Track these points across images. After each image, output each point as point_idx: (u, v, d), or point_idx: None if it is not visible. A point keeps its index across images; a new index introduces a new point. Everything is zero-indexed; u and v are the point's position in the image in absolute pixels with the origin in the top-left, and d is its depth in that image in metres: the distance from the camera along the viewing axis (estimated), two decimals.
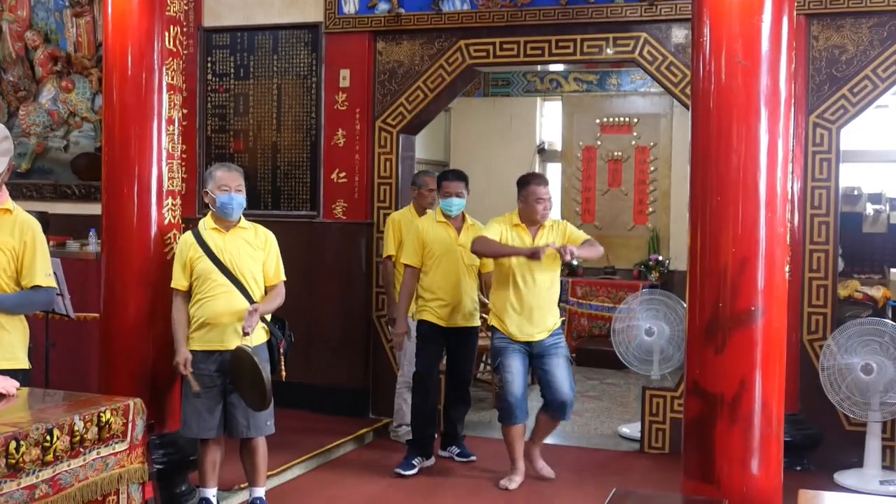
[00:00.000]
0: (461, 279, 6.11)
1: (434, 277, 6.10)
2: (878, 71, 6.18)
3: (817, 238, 6.31)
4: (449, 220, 6.15)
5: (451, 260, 6.09)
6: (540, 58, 7.05)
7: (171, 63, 5.24)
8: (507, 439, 5.82)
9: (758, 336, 4.03)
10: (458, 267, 6.11)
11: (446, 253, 6.09)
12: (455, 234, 6.14)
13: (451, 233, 6.14)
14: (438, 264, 6.09)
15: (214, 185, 4.94)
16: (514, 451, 5.82)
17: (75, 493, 3.22)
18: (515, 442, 5.82)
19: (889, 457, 6.12)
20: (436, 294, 6.09)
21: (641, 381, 7.41)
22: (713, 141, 4.07)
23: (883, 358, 5.76)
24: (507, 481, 5.80)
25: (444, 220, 6.15)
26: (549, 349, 5.72)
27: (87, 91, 8.45)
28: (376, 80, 7.34)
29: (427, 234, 6.13)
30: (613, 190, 10.91)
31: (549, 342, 5.74)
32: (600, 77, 11.37)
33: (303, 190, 7.55)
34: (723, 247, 4.04)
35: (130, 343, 5.13)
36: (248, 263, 4.95)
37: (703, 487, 4.07)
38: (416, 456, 6.07)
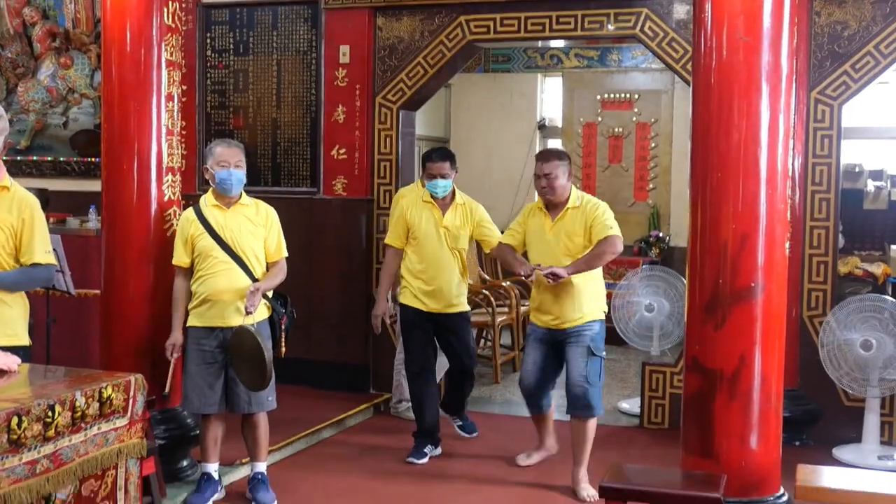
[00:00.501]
0: (444, 262, 5.82)
1: (416, 259, 5.86)
2: (881, 47, 6.15)
3: (818, 214, 6.30)
4: (435, 200, 5.85)
5: (433, 242, 5.82)
6: (541, 33, 7.02)
7: (170, 39, 5.22)
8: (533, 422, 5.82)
9: (757, 312, 4.04)
10: (442, 249, 5.82)
11: (429, 234, 5.82)
12: (440, 215, 5.84)
13: (436, 213, 5.84)
14: (421, 246, 5.84)
15: (214, 161, 4.94)
16: (539, 432, 5.79)
17: (75, 467, 3.24)
18: (538, 426, 5.78)
19: (887, 432, 6.14)
20: (420, 278, 5.84)
21: (641, 356, 7.42)
22: (714, 117, 4.07)
23: (882, 334, 5.77)
24: (525, 457, 5.77)
25: (430, 201, 5.86)
26: (570, 338, 5.30)
27: (85, 67, 8.42)
28: (376, 56, 7.31)
29: (411, 214, 5.86)
30: (614, 166, 10.89)
31: (571, 331, 5.29)
32: (601, 53, 11.32)
33: (303, 166, 7.54)
34: (723, 223, 4.04)
35: (131, 319, 5.14)
36: (249, 240, 4.95)
37: (702, 462, 4.09)
38: (426, 444, 5.90)
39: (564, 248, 5.28)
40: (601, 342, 5.33)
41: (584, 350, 5.26)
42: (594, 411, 5.31)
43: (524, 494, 5.32)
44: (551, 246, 5.31)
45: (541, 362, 5.43)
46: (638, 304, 7.02)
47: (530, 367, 5.47)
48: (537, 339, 5.43)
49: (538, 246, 5.38)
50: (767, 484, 4.12)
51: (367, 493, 5.27)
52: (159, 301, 5.13)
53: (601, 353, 5.31)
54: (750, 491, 4.07)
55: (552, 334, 5.36)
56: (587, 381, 5.25)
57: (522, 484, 5.47)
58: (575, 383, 5.27)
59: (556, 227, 5.32)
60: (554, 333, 5.35)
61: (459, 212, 5.89)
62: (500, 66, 11.83)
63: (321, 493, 5.28)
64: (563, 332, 5.31)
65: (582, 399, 5.27)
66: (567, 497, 5.26)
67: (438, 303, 5.83)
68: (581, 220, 5.26)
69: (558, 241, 5.30)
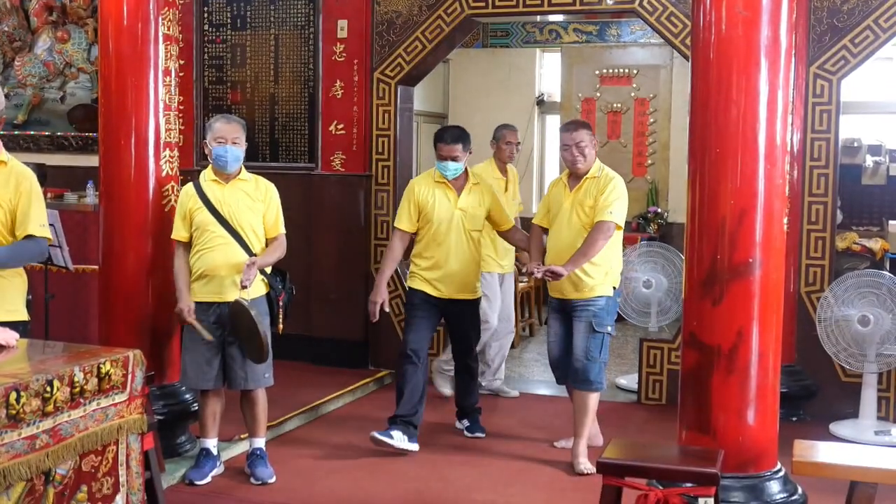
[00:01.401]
0: (459, 246, 5.57)
1: (429, 244, 5.59)
2: (880, 21, 6.13)
3: (816, 190, 6.30)
4: (448, 180, 5.62)
5: (448, 225, 5.55)
6: (539, 8, 6.99)
7: (167, 13, 5.20)
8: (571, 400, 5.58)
9: (755, 288, 4.04)
10: (458, 233, 5.56)
11: (443, 217, 5.56)
12: (455, 197, 5.59)
13: (451, 195, 5.59)
14: (435, 230, 5.56)
15: (212, 137, 4.93)
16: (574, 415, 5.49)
17: (75, 443, 3.25)
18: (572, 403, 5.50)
19: (884, 407, 6.17)
20: (430, 262, 5.58)
21: (639, 332, 7.44)
22: (713, 92, 4.05)
23: (880, 310, 5.78)
24: (563, 442, 5.66)
25: (443, 181, 5.61)
26: (575, 311, 5.29)
27: (82, 41, 8.39)
28: (374, 31, 7.28)
29: (423, 196, 5.59)
30: (612, 142, 10.87)
31: (578, 304, 5.28)
32: (600, 28, 11.27)
33: (301, 142, 7.53)
34: (721, 199, 4.03)
35: (130, 295, 5.14)
36: (247, 215, 4.95)
37: (700, 438, 4.10)
38: (396, 428, 5.52)
39: (578, 220, 5.29)
40: (606, 317, 5.30)
41: (587, 325, 5.26)
42: (593, 386, 5.31)
43: (521, 468, 5.34)
44: (566, 216, 5.33)
45: (562, 332, 5.43)
46: (636, 280, 7.03)
47: (553, 339, 5.50)
48: (554, 309, 5.48)
49: (556, 218, 5.40)
50: (764, 459, 4.14)
51: (365, 469, 5.30)
52: (158, 276, 5.14)
53: (604, 328, 5.28)
54: (747, 466, 4.08)
55: (563, 305, 5.39)
56: (587, 357, 5.26)
57: (520, 458, 5.49)
58: (575, 357, 5.30)
59: (573, 198, 5.33)
60: (564, 304, 5.38)
61: (475, 192, 5.66)
62: (498, 41, 11.78)
63: (320, 468, 5.30)
64: (570, 304, 5.33)
65: (581, 373, 5.29)
66: (562, 471, 5.28)
67: (450, 288, 5.60)
68: (594, 191, 5.28)
69: (572, 211, 5.31)
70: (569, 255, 5.21)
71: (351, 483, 5.08)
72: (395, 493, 4.94)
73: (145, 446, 3.79)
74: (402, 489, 5.00)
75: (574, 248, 5.22)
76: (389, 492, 4.96)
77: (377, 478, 5.16)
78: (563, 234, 5.33)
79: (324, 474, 5.20)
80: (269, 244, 5.03)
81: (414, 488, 5.01)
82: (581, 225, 5.28)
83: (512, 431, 6.02)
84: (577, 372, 5.31)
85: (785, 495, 4.12)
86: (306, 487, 5.01)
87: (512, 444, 5.77)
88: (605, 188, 5.26)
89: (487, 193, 5.71)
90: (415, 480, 5.12)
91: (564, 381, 5.56)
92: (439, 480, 5.14)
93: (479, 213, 5.65)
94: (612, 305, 5.38)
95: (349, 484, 5.06)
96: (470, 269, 5.63)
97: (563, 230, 5.33)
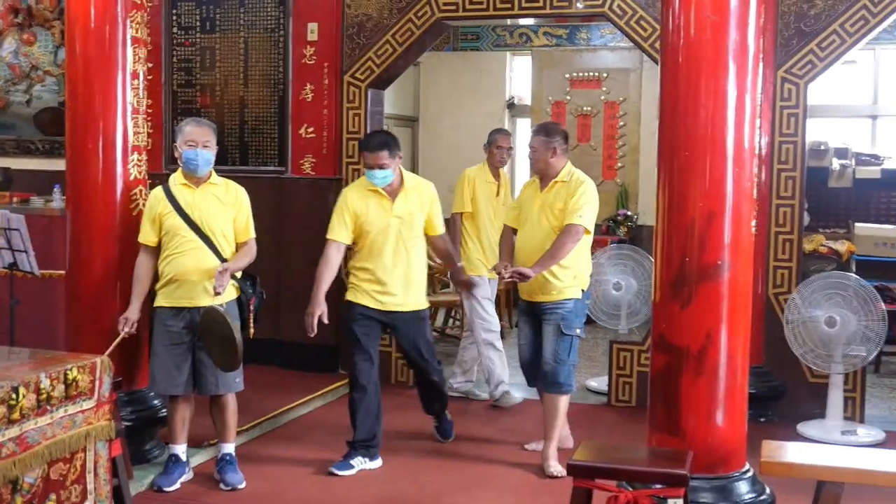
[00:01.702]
0: (399, 255, 5.27)
1: (368, 254, 5.31)
2: (846, 26, 6.19)
3: (784, 192, 6.35)
4: (380, 188, 5.27)
5: (385, 234, 5.25)
6: (509, 12, 7.00)
7: (135, 15, 5.16)
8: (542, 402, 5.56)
9: (724, 290, 4.06)
10: (396, 241, 5.27)
11: (380, 226, 5.26)
12: (389, 204, 5.26)
13: (385, 203, 5.27)
14: (372, 239, 5.28)
15: (182, 140, 4.90)
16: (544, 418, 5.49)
17: (43, 450, 3.22)
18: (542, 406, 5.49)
19: (850, 408, 6.22)
20: (370, 273, 5.31)
21: (609, 335, 7.47)
22: (681, 96, 4.07)
23: (846, 311, 5.83)
24: (536, 443, 5.65)
25: (376, 189, 5.27)
26: (544, 313, 5.30)
27: (49, 44, 8.31)
28: (344, 34, 7.26)
29: (357, 204, 5.28)
30: (583, 145, 10.91)
31: (547, 306, 5.28)
32: (570, 31, 11.32)
33: (271, 145, 7.49)
34: (690, 201, 4.06)
35: (97, 300, 5.10)
36: (217, 220, 4.92)
37: (669, 439, 4.12)
38: (356, 456, 5.30)
39: (547, 222, 5.30)
40: (575, 320, 5.31)
41: (555, 328, 5.27)
42: (562, 388, 5.32)
43: (492, 471, 5.34)
44: (536, 218, 5.35)
45: (531, 335, 5.45)
46: (606, 283, 7.05)
47: (523, 342, 5.52)
48: (523, 312, 5.52)
49: (526, 219, 5.42)
50: (733, 460, 4.16)
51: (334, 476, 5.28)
52: (125, 281, 5.09)
53: (572, 331, 5.28)
54: (716, 467, 4.10)
55: (532, 308, 5.40)
56: (556, 359, 5.27)
57: (491, 461, 5.50)
58: (544, 360, 5.31)
59: (542, 200, 5.36)
60: (533, 307, 5.39)
61: (413, 197, 5.34)
62: (468, 44, 11.79)
63: (290, 474, 5.27)
64: (539, 307, 5.35)
65: (550, 376, 5.30)
66: (533, 474, 5.29)
67: (393, 300, 5.32)
68: (564, 194, 5.29)
69: (542, 213, 5.33)
70: (537, 256, 5.22)
71: (322, 488, 5.06)
72: (367, 498, 4.93)
73: (113, 453, 3.76)
74: (373, 494, 4.99)
75: (543, 250, 5.22)
76: (361, 496, 4.95)
77: (348, 483, 5.14)
78: (532, 236, 5.35)
79: (294, 479, 5.18)
80: (238, 248, 5.01)
81: (386, 493, 5.00)
82: (550, 227, 5.29)
83: (483, 434, 6.02)
84: (546, 375, 5.32)
85: (753, 495, 4.15)
86: (276, 493, 4.98)
87: (483, 447, 5.77)
88: (575, 191, 5.27)
89: (427, 197, 5.40)
90: (386, 484, 5.11)
91: (535, 383, 5.57)
92: (411, 484, 5.14)
93: (418, 220, 5.34)
94: (580, 308, 5.39)
95: (320, 489, 5.04)
96: (412, 278, 5.35)
97: (533, 232, 5.35)
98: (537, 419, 5.85)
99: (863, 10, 6.14)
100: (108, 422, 3.54)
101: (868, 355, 5.90)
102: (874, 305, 5.82)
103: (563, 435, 5.62)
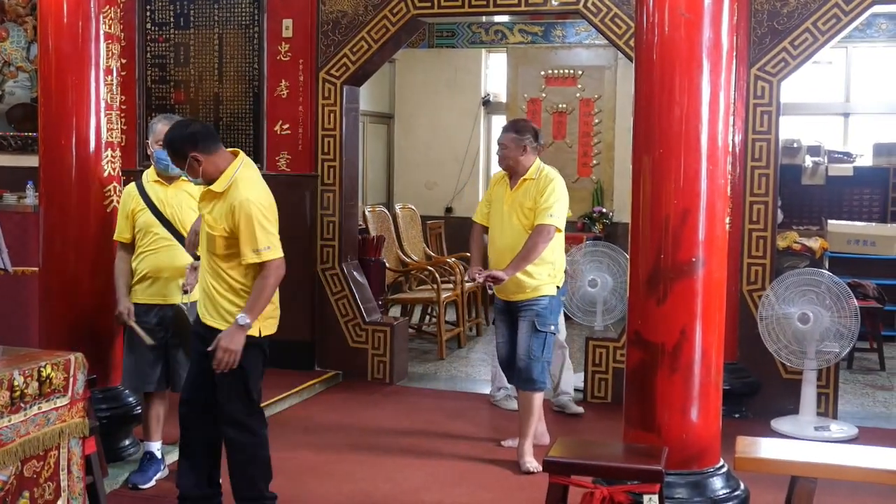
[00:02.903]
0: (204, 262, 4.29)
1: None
2: (819, 24, 6.24)
3: (757, 190, 6.39)
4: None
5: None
6: (485, 9, 7.01)
7: (108, 11, 5.13)
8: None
9: (698, 287, 4.09)
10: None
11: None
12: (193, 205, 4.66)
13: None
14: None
15: (154, 139, 4.87)
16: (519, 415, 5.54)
17: (16, 448, 3.19)
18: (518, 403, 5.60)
19: (823, 403, 6.27)
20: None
21: (585, 331, 7.49)
22: (656, 93, 4.10)
23: (819, 308, 5.88)
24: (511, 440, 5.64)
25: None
26: (520, 311, 5.32)
27: (21, 40, 8.23)
28: (319, 31, 7.24)
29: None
30: (558, 142, 10.94)
31: (521, 304, 5.31)
32: (545, 29, 11.34)
33: (246, 142, 7.46)
34: (665, 199, 4.08)
35: (71, 297, 5.07)
36: (190, 216, 4.86)
37: (644, 435, 4.15)
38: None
39: (518, 222, 5.29)
40: (549, 317, 5.32)
41: (530, 325, 5.28)
42: (536, 385, 5.33)
43: (468, 468, 5.35)
44: (506, 217, 5.34)
45: (508, 334, 5.45)
46: (582, 280, 7.07)
47: (500, 339, 5.52)
48: (500, 311, 5.50)
49: (496, 217, 5.41)
50: (707, 456, 4.19)
51: (312, 471, 5.27)
52: (99, 278, 5.06)
53: (547, 328, 5.29)
54: (690, 463, 4.13)
55: (508, 306, 5.41)
56: (529, 356, 5.28)
57: (468, 458, 5.50)
58: (518, 357, 5.33)
59: (512, 198, 5.34)
60: (509, 305, 5.40)
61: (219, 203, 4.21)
62: (444, 41, 11.79)
63: None
64: (514, 305, 5.36)
65: (524, 373, 5.31)
66: (509, 471, 5.30)
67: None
68: (533, 192, 5.27)
69: (512, 212, 5.32)
70: (510, 256, 5.24)
71: (298, 485, 5.05)
72: (343, 495, 4.92)
73: (87, 450, 3.74)
74: (349, 490, 4.98)
75: (515, 250, 5.23)
76: (337, 493, 4.94)
77: (324, 479, 5.13)
78: (503, 235, 5.36)
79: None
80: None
81: (361, 489, 5.00)
82: (522, 227, 5.29)
83: (459, 431, 6.03)
84: (520, 371, 5.33)
85: (728, 491, 4.19)
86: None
87: (459, 443, 5.77)
88: (544, 190, 5.26)
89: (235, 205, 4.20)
90: (362, 482, 5.11)
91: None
92: (387, 481, 5.13)
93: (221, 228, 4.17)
94: (556, 305, 5.42)
95: (296, 486, 5.03)
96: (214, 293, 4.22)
97: (504, 231, 5.35)
98: (514, 416, 5.86)
99: (835, 8, 6.19)
100: (81, 419, 3.52)
101: (841, 351, 5.95)
102: (847, 302, 5.87)
103: (539, 431, 5.63)
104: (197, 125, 4.31)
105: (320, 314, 7.32)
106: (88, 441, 3.72)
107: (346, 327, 7.26)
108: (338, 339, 7.23)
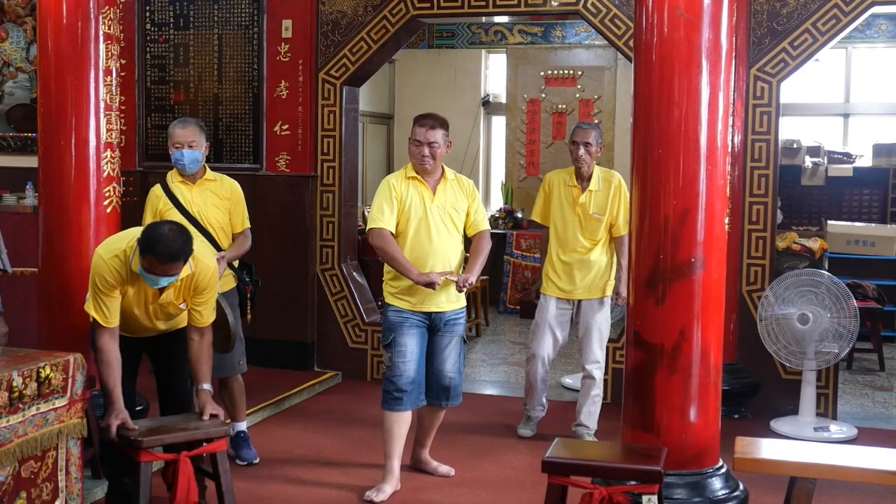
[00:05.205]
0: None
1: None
2: (818, 25, 6.24)
3: (756, 190, 6.39)
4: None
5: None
6: (484, 9, 7.01)
7: (107, 11, 5.13)
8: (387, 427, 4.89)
9: (698, 287, 4.09)
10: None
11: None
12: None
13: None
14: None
15: (170, 142, 5.05)
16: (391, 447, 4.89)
17: (14, 448, 3.20)
18: (423, 422, 5.12)
19: (823, 404, 6.28)
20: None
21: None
22: (655, 94, 4.10)
23: (818, 308, 5.88)
24: (375, 492, 4.81)
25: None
26: (447, 324, 4.86)
27: (21, 40, 8.23)
28: (319, 31, 7.24)
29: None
30: (558, 143, 10.94)
31: (451, 317, 4.87)
32: (545, 29, 11.34)
33: (245, 142, 7.46)
34: (664, 199, 4.09)
35: (70, 297, 5.06)
36: (215, 214, 5.08)
37: (644, 436, 4.15)
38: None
39: (454, 227, 4.85)
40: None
41: (459, 338, 4.94)
42: (461, 399, 5.07)
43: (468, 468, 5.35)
44: (437, 224, 4.80)
45: (419, 351, 4.87)
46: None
47: (409, 358, 4.84)
48: (413, 325, 4.84)
49: (423, 224, 4.80)
50: (707, 456, 4.20)
51: (312, 471, 5.27)
52: None
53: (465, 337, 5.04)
54: (690, 463, 4.14)
55: (430, 318, 4.87)
56: (459, 371, 4.99)
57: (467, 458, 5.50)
58: (445, 374, 4.92)
59: (439, 201, 4.82)
60: (432, 317, 4.86)
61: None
62: (444, 41, 11.80)
63: (268, 470, 5.26)
64: (441, 317, 4.86)
65: (455, 389, 4.97)
66: (509, 471, 5.30)
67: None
68: (462, 195, 4.88)
69: (445, 215, 4.82)
70: (446, 260, 4.81)
71: (296, 485, 5.05)
72: (342, 495, 4.92)
73: (218, 448, 4.03)
74: (350, 490, 4.98)
75: (452, 254, 4.83)
76: (336, 493, 4.94)
77: (322, 479, 5.13)
78: (440, 239, 4.80)
79: (271, 476, 5.17)
80: (235, 239, 5.18)
81: (361, 489, 4.99)
82: (456, 230, 4.87)
83: (459, 431, 6.02)
84: (449, 389, 4.94)
85: (727, 491, 4.19)
86: (252, 488, 4.96)
87: (459, 443, 5.77)
88: (475, 194, 4.93)
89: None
90: (363, 481, 5.10)
91: (418, 402, 4.93)
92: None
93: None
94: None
95: (295, 486, 5.03)
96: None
97: (441, 234, 4.80)
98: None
99: (835, 8, 6.19)
100: (80, 420, 3.52)
101: (840, 352, 5.95)
102: (846, 302, 5.87)
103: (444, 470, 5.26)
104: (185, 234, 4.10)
105: (320, 315, 7.33)
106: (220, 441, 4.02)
107: (345, 328, 7.26)
108: (337, 340, 7.24)
